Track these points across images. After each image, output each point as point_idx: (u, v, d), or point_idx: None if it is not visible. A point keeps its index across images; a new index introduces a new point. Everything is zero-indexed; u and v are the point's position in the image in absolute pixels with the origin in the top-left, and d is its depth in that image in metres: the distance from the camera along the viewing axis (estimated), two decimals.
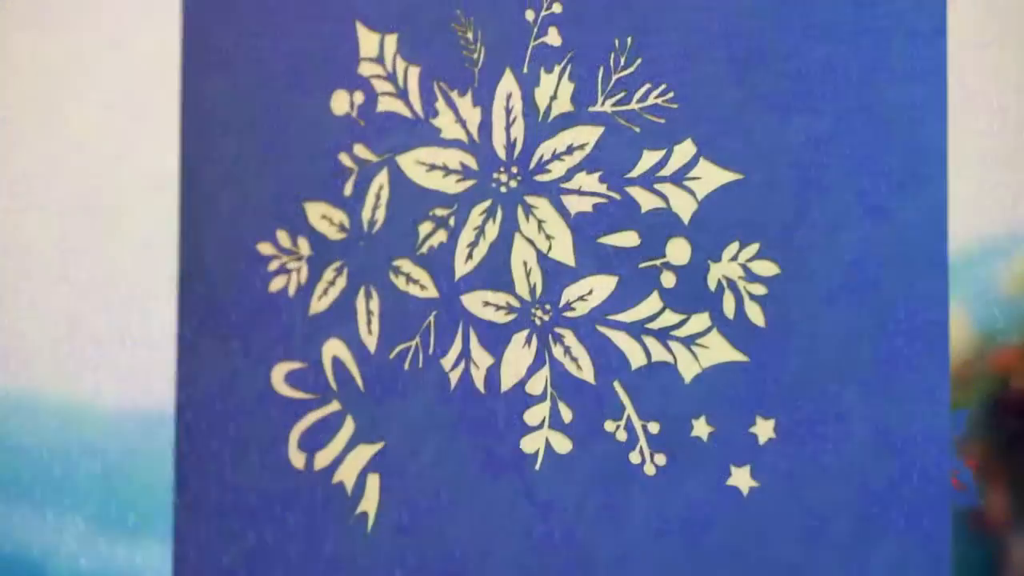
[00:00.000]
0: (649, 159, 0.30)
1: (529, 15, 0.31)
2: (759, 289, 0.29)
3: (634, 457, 0.30)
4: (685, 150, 0.29)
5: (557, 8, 0.30)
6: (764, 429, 0.29)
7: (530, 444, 0.30)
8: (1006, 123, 0.79)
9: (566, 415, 0.30)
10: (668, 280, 0.29)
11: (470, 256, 0.31)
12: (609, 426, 0.30)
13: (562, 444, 0.30)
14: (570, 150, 0.30)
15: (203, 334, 0.34)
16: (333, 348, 0.32)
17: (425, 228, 0.32)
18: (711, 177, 0.29)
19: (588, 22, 0.30)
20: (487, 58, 0.31)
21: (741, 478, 0.29)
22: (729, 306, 0.29)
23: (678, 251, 0.29)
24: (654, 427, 0.29)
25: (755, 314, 0.29)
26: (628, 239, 0.30)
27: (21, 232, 0.84)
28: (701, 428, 0.29)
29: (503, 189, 0.31)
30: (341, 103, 0.32)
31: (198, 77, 0.34)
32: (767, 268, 0.29)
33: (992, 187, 0.73)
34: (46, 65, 0.86)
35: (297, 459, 0.33)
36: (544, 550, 0.30)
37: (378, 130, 0.32)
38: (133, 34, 0.80)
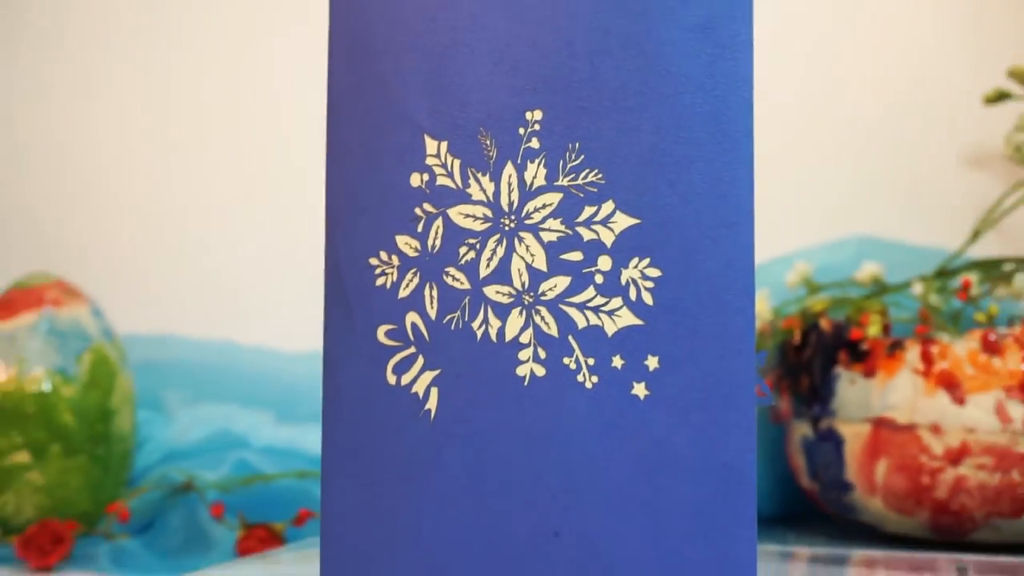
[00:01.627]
0: (588, 211, 0.30)
1: (521, 131, 0.31)
2: (649, 284, 0.29)
3: (580, 378, 0.30)
4: (608, 206, 0.29)
5: (537, 127, 0.30)
6: (652, 362, 0.29)
7: (521, 371, 0.30)
8: (789, 182, 0.78)
9: (542, 355, 0.30)
10: (599, 279, 0.30)
11: (488, 265, 0.31)
12: (566, 360, 0.30)
13: (539, 371, 0.30)
14: (544, 206, 0.30)
15: (339, 309, 0.34)
16: (412, 317, 0.32)
17: (463, 250, 0.32)
18: (622, 221, 0.29)
19: (555, 135, 0.30)
20: (497, 155, 0.31)
21: (640, 390, 0.29)
22: (632, 293, 0.29)
23: (604, 263, 0.29)
24: (591, 361, 0.29)
25: (647, 298, 0.29)
26: (576, 256, 0.30)
27: (234, 234, 0.84)
28: (617, 361, 0.29)
29: (506, 228, 0.31)
30: (416, 180, 0.32)
31: (336, 157, 0.34)
32: (654, 272, 0.29)
33: (781, 224, 0.73)
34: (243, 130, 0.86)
35: (391, 379, 0.33)
36: (528, 431, 0.30)
37: (436, 195, 0.32)
38: (297, 120, 0.79)
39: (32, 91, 0.86)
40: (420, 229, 0.32)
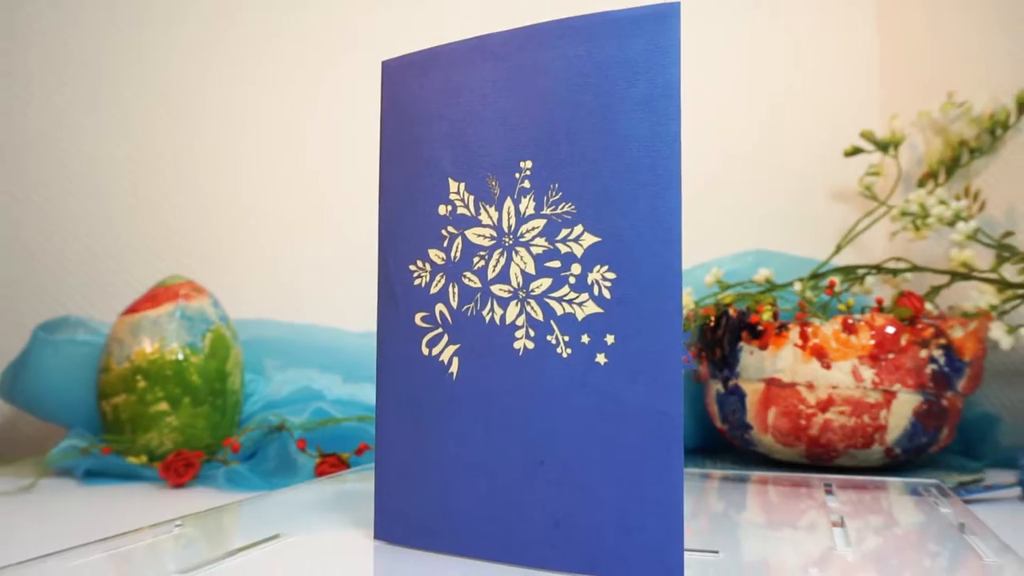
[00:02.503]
0: (564, 232, 0.30)
1: (517, 175, 0.31)
2: (607, 284, 0.29)
3: (559, 350, 0.29)
4: (579, 229, 0.29)
5: (528, 173, 0.30)
6: (610, 339, 0.29)
7: (517, 345, 0.30)
8: (708, 211, 0.78)
9: (531, 334, 0.30)
10: (572, 280, 0.29)
11: (493, 270, 0.31)
12: (549, 338, 0.30)
13: (530, 345, 0.30)
14: (533, 229, 0.30)
15: (387, 301, 0.34)
16: (440, 307, 0.32)
17: (476, 259, 0.31)
18: (588, 240, 0.29)
19: (541, 179, 0.30)
20: (500, 192, 0.31)
21: (601, 359, 0.29)
22: (596, 290, 0.29)
23: (576, 269, 0.29)
24: (566, 338, 0.29)
25: (606, 294, 0.29)
26: (556, 264, 0.30)
27: (315, 247, 0.83)
28: (585, 338, 0.29)
29: (506, 244, 0.31)
30: (442, 209, 0.32)
31: (387, 192, 0.34)
32: (611, 275, 0.29)
33: (701, 241, 0.72)
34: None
35: (425, 351, 0.33)
36: (522, 388, 0.30)
37: (457, 221, 0.32)
38: (355, 153, 0.78)
39: (172, 127, 0.86)
40: (445, 245, 0.32)
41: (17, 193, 0.84)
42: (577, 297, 0.29)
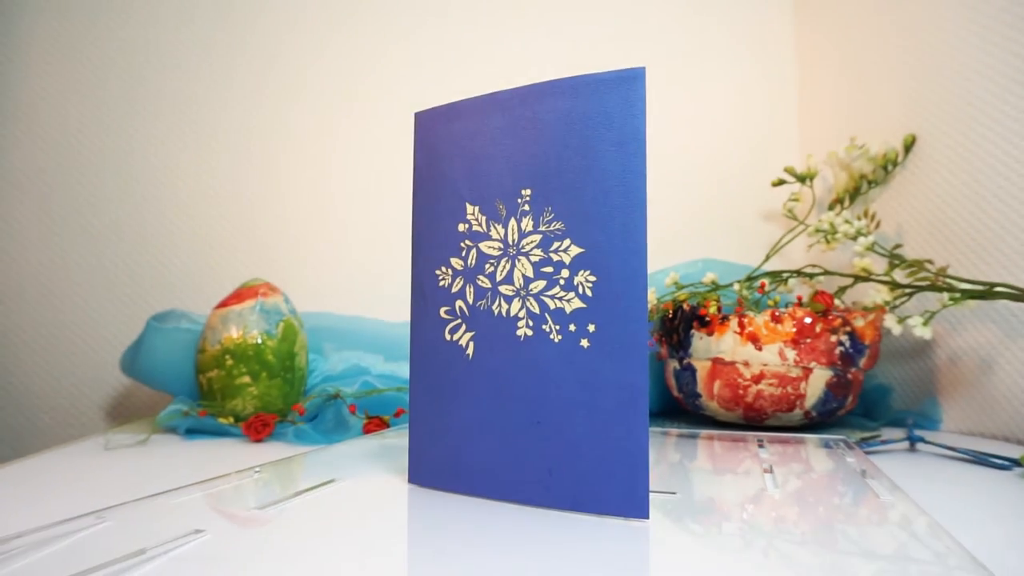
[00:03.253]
0: (556, 244, 0.29)
1: (519, 200, 0.30)
2: (590, 284, 0.28)
3: (551, 336, 0.29)
4: (567, 242, 0.29)
5: (528, 198, 0.30)
6: (592, 328, 0.28)
7: (519, 332, 0.30)
8: (667, 228, 0.77)
9: (530, 324, 0.30)
10: (562, 281, 0.29)
11: (501, 274, 0.31)
12: (544, 327, 0.29)
13: (529, 332, 0.30)
14: (532, 242, 0.30)
15: (418, 298, 0.33)
16: (459, 303, 0.32)
17: (487, 266, 0.31)
18: (575, 250, 0.29)
19: (538, 203, 0.30)
20: (506, 213, 0.30)
21: (584, 342, 0.28)
22: (581, 289, 0.29)
23: (564, 273, 0.29)
24: (557, 327, 0.29)
25: (589, 292, 0.28)
26: (549, 269, 0.29)
27: (365, 256, 0.83)
28: (572, 327, 0.29)
29: (511, 254, 0.30)
30: (461, 227, 0.32)
31: (419, 213, 0.34)
32: (592, 278, 0.28)
33: (662, 251, 0.72)
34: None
35: (447, 337, 0.32)
36: (523, 366, 0.30)
37: (473, 236, 0.31)
38: (392, 171, 0.78)
39: (259, 171, 0.86)
40: (463, 254, 0.32)
41: (134, 217, 0.84)
42: (566, 295, 0.29)
